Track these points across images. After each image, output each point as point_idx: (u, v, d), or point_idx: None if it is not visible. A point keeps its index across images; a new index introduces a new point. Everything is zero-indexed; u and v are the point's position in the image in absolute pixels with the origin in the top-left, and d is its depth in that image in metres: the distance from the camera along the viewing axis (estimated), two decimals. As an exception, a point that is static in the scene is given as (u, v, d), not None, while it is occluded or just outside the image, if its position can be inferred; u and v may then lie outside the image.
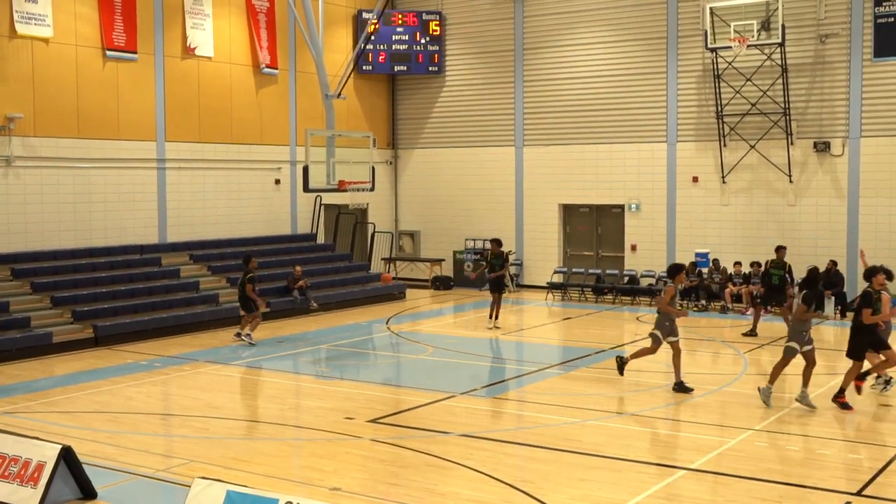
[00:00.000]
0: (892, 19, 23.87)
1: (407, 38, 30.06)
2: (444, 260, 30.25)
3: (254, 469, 10.94)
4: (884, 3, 23.89)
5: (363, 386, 15.83)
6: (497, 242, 22.48)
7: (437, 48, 30.26)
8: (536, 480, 10.54)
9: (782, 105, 24.83)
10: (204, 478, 8.89)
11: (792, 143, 24.97)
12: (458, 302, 26.98)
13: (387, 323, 22.82)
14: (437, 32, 30.19)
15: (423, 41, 30.13)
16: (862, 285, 24.03)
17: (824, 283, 23.15)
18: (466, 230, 30.12)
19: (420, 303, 26.71)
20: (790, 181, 25.10)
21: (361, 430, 12.80)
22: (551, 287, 27.54)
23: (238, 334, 19.77)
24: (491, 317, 21.73)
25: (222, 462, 11.22)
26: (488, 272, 22.32)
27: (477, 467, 11.00)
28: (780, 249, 21.55)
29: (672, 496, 10.17)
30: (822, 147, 24.69)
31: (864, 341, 13.80)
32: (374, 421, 13.27)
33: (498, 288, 21.85)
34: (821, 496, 9.98)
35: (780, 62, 24.66)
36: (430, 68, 30.33)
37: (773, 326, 21.96)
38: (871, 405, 14.36)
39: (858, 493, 10.06)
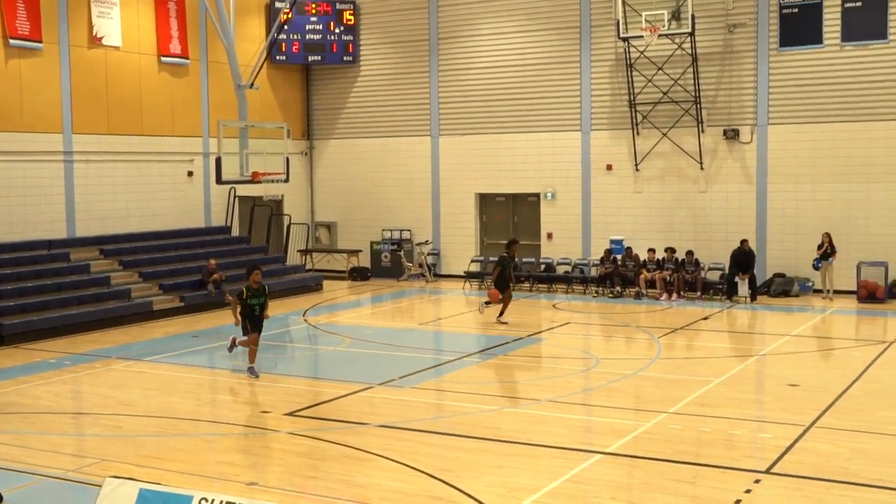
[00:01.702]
0: (797, 10, 24.46)
1: (321, 27, 29.78)
2: (361, 251, 30.10)
3: (168, 466, 10.72)
4: (788, -6, 24.49)
5: (280, 379, 15.66)
6: (514, 243, 21.59)
7: (352, 38, 30.04)
8: (455, 469, 10.55)
9: (693, 93, 25.26)
10: (115, 477, 8.68)
11: (702, 131, 25.43)
12: (376, 293, 26.89)
13: (304, 315, 22.62)
14: (352, 22, 29.96)
15: (337, 31, 29.88)
16: (772, 269, 24.77)
17: (738, 262, 23.68)
18: (383, 221, 30.01)
19: (337, 294, 26.54)
20: (701, 168, 25.57)
21: (279, 423, 12.66)
22: (469, 276, 27.63)
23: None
24: (499, 315, 20.87)
25: (135, 460, 10.98)
26: (502, 273, 20.79)
27: (395, 458, 10.96)
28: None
29: (589, 480, 10.28)
30: (732, 134, 25.20)
31: None
32: (291, 414, 13.14)
33: (506, 286, 20.84)
34: (732, 475, 10.19)
35: (690, 51, 25.08)
36: (345, 58, 30.10)
37: (686, 311, 22.38)
38: (778, 385, 14.72)
39: (767, 471, 10.30)
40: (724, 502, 9.37)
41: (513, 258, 21.26)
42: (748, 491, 9.68)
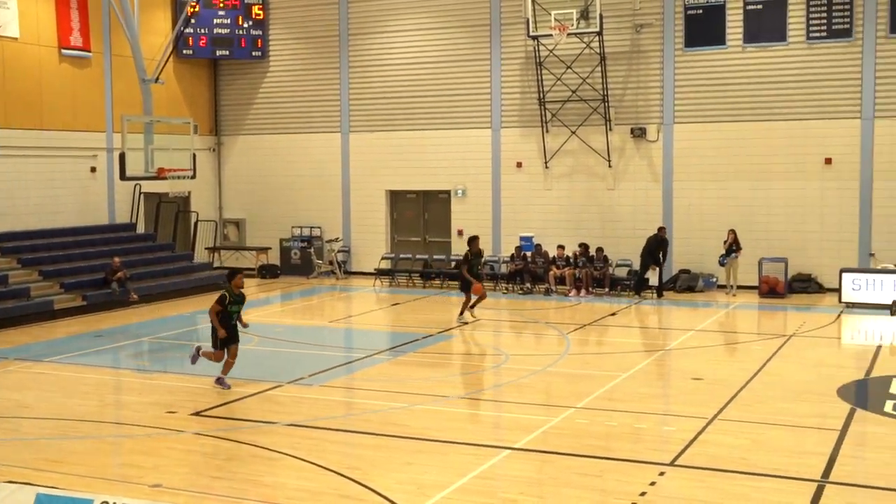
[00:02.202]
0: (701, 11, 24.98)
1: (229, 21, 29.31)
2: (270, 248, 29.74)
3: (68, 470, 10.42)
4: (693, -5, 24.99)
5: (187, 378, 15.36)
6: (476, 239, 20.95)
7: (261, 32, 29.66)
8: (363, 467, 10.48)
9: (601, 92, 25.60)
10: (11, 482, 8.40)
11: (610, 129, 25.79)
12: (286, 290, 26.61)
13: (212, 313, 22.23)
14: (261, 16, 29.57)
15: (245, 25, 29.45)
16: (678, 265, 25.25)
17: (652, 250, 23.97)
18: (293, 218, 29.70)
19: (246, 292, 26.09)
20: (609, 166, 25.93)
21: (184, 423, 12.41)
22: (379, 273, 27.54)
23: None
24: (472, 307, 20.48)
25: (34, 464, 10.64)
26: (469, 272, 20.20)
27: (303, 456, 10.85)
28: None
29: (498, 476, 10.32)
30: (639, 133, 25.61)
31: None
32: (197, 414, 12.90)
33: (468, 287, 20.26)
34: (638, 468, 10.34)
35: (598, 51, 25.40)
36: (254, 53, 29.70)
37: (594, 307, 22.68)
38: (682, 379, 15.01)
39: (671, 463, 10.48)
40: (630, 495, 9.49)
41: (478, 254, 20.80)
42: (653, 483, 9.83)
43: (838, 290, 22.32)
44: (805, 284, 24.15)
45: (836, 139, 23.99)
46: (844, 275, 22.20)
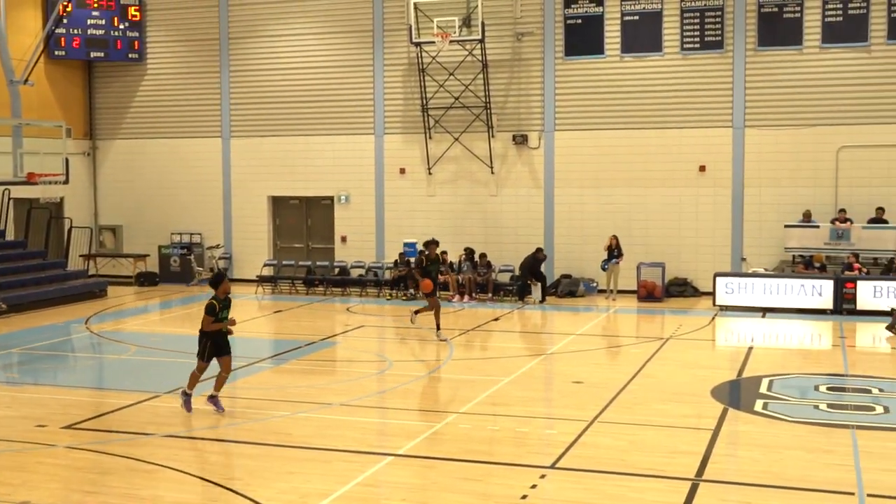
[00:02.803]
0: (581, 21, 25.46)
1: (104, 22, 28.49)
2: (148, 255, 29.03)
3: (-71, 488, 9.93)
4: (572, 6, 25.42)
5: (59, 391, 14.84)
6: (434, 243, 19.79)
7: (138, 34, 28.92)
8: (244, 477, 10.30)
9: (483, 99, 25.84)
10: None
11: (493, 136, 26.06)
12: (165, 298, 25.99)
13: (86, 322, 21.56)
14: (138, 18, 28.84)
15: (121, 27, 28.68)
16: (559, 270, 25.66)
17: (532, 270, 24.39)
18: (172, 224, 29.05)
19: (124, 300, 25.48)
20: (492, 172, 26.19)
21: (56, 437, 11.97)
22: (261, 280, 27.16)
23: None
24: (438, 328, 19.01)
25: None
26: (421, 278, 19.22)
27: (182, 468, 10.59)
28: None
29: (380, 483, 10.27)
30: (521, 140, 25.94)
31: None
32: (70, 427, 12.46)
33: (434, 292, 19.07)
34: (520, 471, 10.44)
35: (480, 58, 25.63)
36: (130, 55, 28.95)
37: (477, 313, 22.84)
38: (564, 383, 15.23)
39: (552, 466, 10.61)
40: (511, 498, 9.57)
41: (435, 260, 19.72)
42: (534, 486, 9.93)
43: (713, 294, 23.03)
44: (681, 289, 24.85)
45: (709, 147, 24.78)
46: (718, 279, 22.92)
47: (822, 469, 10.40)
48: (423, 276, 19.19)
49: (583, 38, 25.48)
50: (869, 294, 21.73)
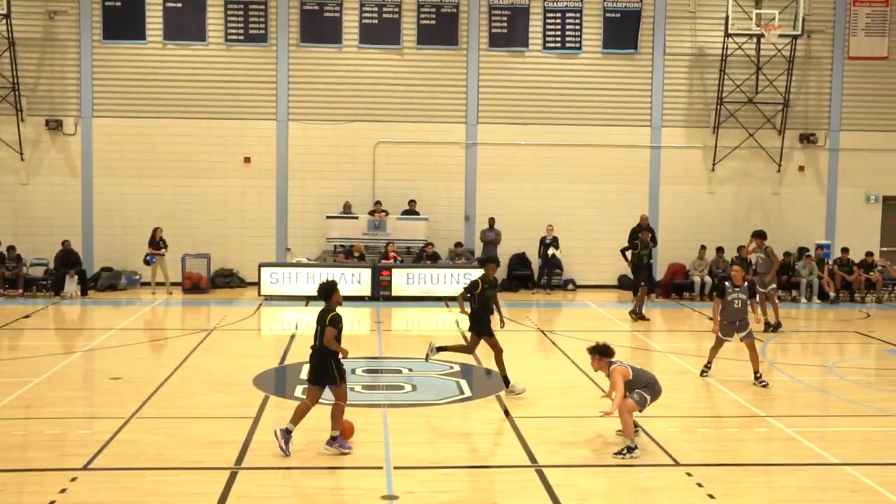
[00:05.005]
0: (120, 3, 24.41)
1: None
2: None
3: None
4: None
5: None
6: (494, 262, 14.46)
7: None
8: None
9: (10, 80, 23.88)
10: None
11: (23, 120, 24.20)
12: None
13: None
14: None
15: None
16: (99, 263, 24.43)
17: (65, 262, 22.95)
18: None
19: None
20: (22, 159, 24.33)
21: None
22: None
23: None
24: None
25: None
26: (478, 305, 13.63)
27: None
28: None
29: None
30: (55, 125, 24.34)
31: None
32: None
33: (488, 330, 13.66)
34: (48, 476, 9.67)
35: (6, 35, 23.64)
36: None
37: (6, 310, 21.12)
38: (101, 380, 14.52)
39: (84, 468, 10.01)
40: (37, 506, 8.89)
41: (493, 283, 13.80)
42: (63, 490, 9.30)
43: (258, 284, 23.25)
44: (228, 279, 24.84)
45: (254, 139, 25.01)
46: (263, 269, 23.19)
47: (356, 447, 10.84)
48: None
49: (123, 22, 24.46)
50: (403, 281, 23.22)
